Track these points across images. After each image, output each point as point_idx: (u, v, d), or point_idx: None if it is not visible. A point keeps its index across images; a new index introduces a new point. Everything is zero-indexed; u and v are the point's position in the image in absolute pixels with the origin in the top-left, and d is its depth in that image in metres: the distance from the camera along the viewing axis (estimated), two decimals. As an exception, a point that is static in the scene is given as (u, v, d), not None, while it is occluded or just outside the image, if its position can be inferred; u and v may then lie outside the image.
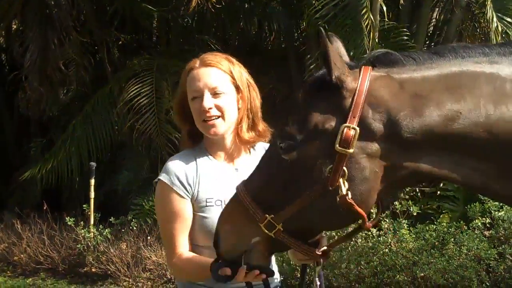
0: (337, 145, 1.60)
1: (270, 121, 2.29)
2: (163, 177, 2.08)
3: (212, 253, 1.94)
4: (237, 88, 2.11)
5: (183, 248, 2.05)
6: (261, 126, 2.19)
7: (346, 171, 1.61)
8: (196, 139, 2.16)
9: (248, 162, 2.11)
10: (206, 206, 2.05)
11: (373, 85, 1.63)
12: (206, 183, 2.07)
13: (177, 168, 2.08)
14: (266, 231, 1.69)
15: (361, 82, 1.63)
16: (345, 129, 1.59)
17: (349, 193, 1.60)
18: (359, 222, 1.70)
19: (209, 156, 2.13)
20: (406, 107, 1.61)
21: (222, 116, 2.05)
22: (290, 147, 1.66)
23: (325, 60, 1.62)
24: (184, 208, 2.05)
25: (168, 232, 2.07)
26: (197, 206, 2.06)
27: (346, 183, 1.61)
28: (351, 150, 1.59)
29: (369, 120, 1.62)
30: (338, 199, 1.61)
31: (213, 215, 1.98)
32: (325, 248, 1.78)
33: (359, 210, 1.62)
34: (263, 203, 1.71)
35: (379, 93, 1.63)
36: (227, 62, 2.12)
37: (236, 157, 2.16)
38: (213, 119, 2.04)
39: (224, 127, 2.07)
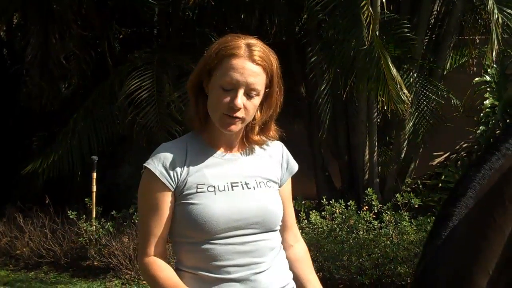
0: None
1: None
2: (149, 163, 1.95)
3: (192, 249, 1.90)
4: (268, 91, 1.96)
5: (155, 249, 1.93)
6: (273, 127, 2.06)
7: None
8: (205, 121, 1.99)
9: (249, 157, 2.02)
10: (197, 192, 1.89)
11: None
12: (197, 170, 1.92)
13: (165, 154, 1.94)
14: None
15: None
16: None
17: None
18: None
19: (205, 143, 1.99)
20: None
21: (243, 118, 1.90)
22: None
23: None
24: (166, 202, 1.91)
25: (145, 226, 1.94)
26: (186, 193, 1.90)
27: None
28: None
29: None
30: None
31: (204, 201, 1.87)
32: None
33: None
34: None
35: None
36: (272, 62, 1.94)
37: (237, 150, 2.01)
38: (236, 118, 1.88)
39: (241, 127, 1.93)
